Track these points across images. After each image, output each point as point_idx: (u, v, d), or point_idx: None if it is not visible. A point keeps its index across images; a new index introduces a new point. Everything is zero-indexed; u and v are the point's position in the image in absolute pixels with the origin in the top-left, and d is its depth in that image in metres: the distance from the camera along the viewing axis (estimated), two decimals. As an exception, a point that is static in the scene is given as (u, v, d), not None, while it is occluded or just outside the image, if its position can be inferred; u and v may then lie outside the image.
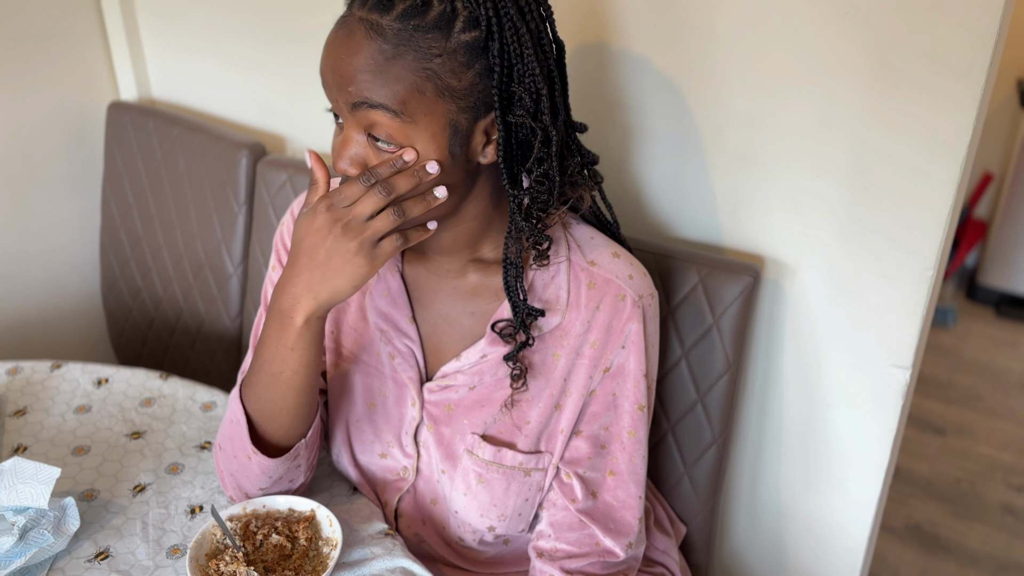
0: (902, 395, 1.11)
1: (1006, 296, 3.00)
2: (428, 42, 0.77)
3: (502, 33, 0.80)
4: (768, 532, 1.30)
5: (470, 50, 0.79)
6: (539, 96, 0.82)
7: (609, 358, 0.92)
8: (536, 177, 0.86)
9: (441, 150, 0.81)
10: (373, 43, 0.77)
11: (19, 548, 0.90)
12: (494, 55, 0.80)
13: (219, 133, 1.51)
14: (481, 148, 0.84)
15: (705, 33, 1.07)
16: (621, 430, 0.94)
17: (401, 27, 0.77)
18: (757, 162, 1.10)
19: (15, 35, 1.55)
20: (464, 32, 0.78)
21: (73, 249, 1.77)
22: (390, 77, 0.78)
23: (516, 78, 0.81)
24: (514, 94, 0.82)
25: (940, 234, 1.01)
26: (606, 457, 0.95)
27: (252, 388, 0.91)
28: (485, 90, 0.81)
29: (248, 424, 0.91)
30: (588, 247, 0.94)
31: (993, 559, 1.97)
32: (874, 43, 0.97)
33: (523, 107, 0.82)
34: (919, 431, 2.38)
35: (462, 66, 0.79)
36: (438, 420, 0.96)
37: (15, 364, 1.25)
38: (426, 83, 0.78)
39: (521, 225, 0.87)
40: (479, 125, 0.82)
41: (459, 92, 0.80)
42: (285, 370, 0.87)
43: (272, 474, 0.93)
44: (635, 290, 0.91)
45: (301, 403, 0.90)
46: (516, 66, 0.81)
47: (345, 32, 0.80)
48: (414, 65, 0.78)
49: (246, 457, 0.92)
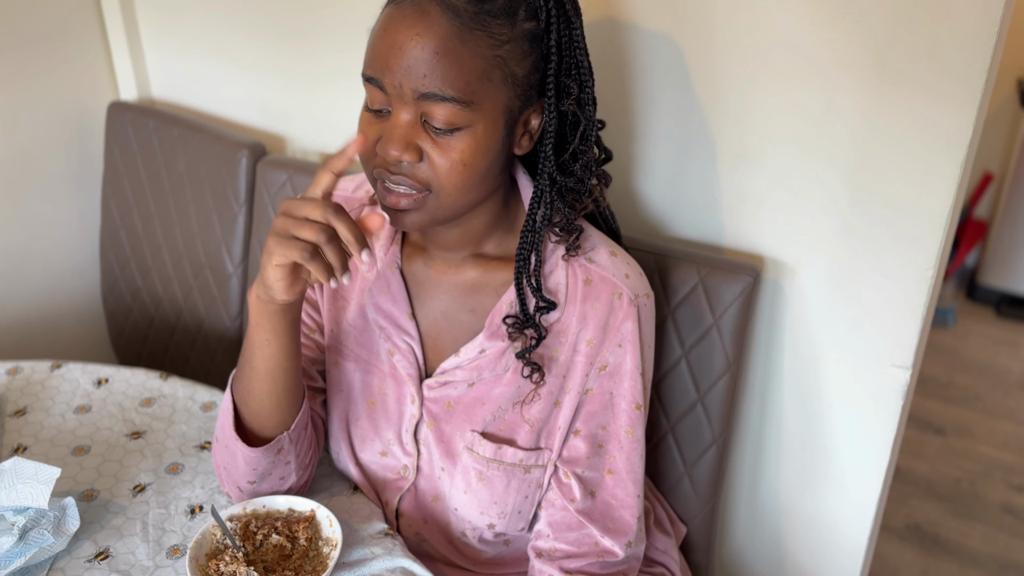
0: (902, 395, 1.11)
1: (1006, 296, 3.00)
2: (498, 27, 0.79)
3: (559, 25, 0.83)
4: (768, 532, 1.30)
5: (531, 39, 0.81)
6: (584, 87, 0.87)
7: (605, 356, 0.92)
8: (576, 167, 0.90)
9: (498, 135, 0.83)
10: (450, 24, 0.77)
11: (19, 548, 0.90)
12: (551, 45, 0.83)
13: (219, 133, 1.51)
14: (518, 138, 0.87)
15: (705, 33, 1.07)
16: (619, 429, 0.94)
17: (476, 10, 0.78)
18: (757, 162, 1.10)
19: (15, 35, 1.55)
20: (526, 21, 0.81)
21: (73, 249, 1.77)
22: (464, 61, 0.77)
23: (566, 69, 0.85)
24: (563, 84, 0.85)
25: (940, 234, 1.01)
26: (604, 456, 0.95)
27: (237, 375, 0.92)
28: (536, 80, 0.84)
29: (235, 413, 0.92)
30: (587, 244, 0.94)
31: (993, 559, 1.97)
32: (874, 43, 0.97)
33: (571, 98, 0.86)
34: (919, 431, 2.38)
35: (524, 54, 0.81)
36: (438, 417, 0.96)
37: (15, 364, 1.25)
38: (495, 70, 0.80)
39: (562, 209, 0.89)
40: (524, 115, 0.85)
41: (519, 80, 0.82)
42: (255, 355, 0.88)
43: (256, 466, 0.93)
44: (631, 289, 0.92)
45: (276, 391, 0.90)
46: (566, 57, 0.85)
47: (415, 11, 0.77)
48: (486, 51, 0.78)
49: (233, 449, 0.93)
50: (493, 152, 0.83)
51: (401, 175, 0.82)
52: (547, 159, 0.87)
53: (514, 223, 0.95)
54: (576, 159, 0.89)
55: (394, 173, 0.82)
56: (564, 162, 0.89)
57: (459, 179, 0.82)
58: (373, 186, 0.86)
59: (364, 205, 1.00)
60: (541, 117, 0.87)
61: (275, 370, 0.89)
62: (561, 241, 0.92)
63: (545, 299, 0.90)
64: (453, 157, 0.80)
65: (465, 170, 0.81)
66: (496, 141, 0.82)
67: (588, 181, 0.91)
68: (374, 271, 0.97)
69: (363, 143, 0.82)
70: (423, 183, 0.82)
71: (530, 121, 0.86)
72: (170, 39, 1.65)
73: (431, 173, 0.81)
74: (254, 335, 0.87)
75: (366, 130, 0.83)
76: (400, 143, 0.80)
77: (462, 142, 0.80)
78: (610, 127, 1.18)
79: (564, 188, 0.90)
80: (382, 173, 0.83)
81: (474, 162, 0.81)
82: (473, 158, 0.81)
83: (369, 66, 0.81)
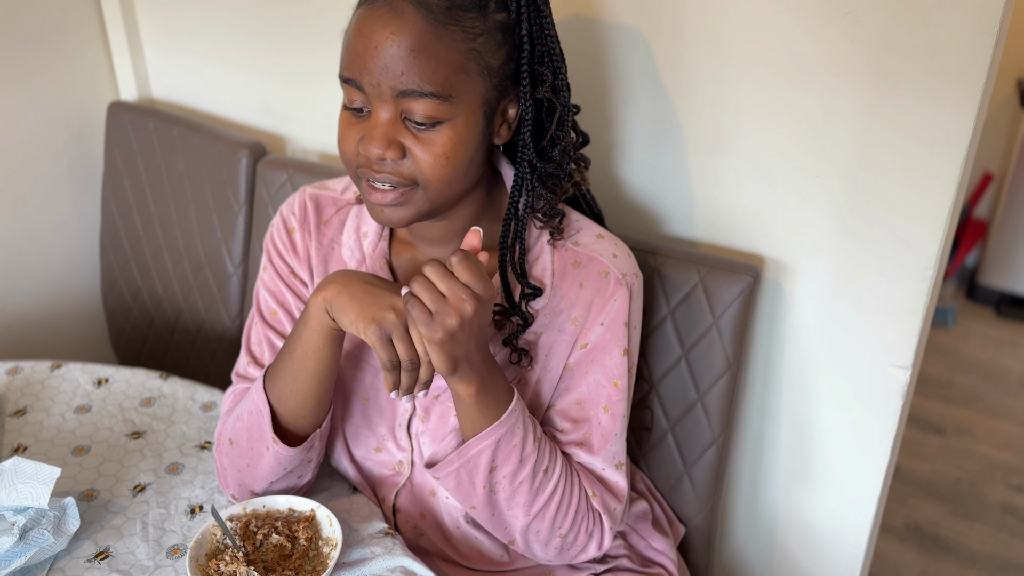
0: (902, 395, 1.11)
1: (1006, 296, 3.00)
2: (471, 21, 0.80)
3: (529, 14, 0.84)
4: (768, 532, 1.30)
5: (503, 30, 0.83)
6: (557, 73, 0.88)
7: (587, 335, 0.93)
8: (555, 152, 0.91)
9: (478, 126, 0.84)
10: (423, 21, 0.78)
11: (19, 548, 0.90)
12: (522, 35, 0.84)
13: (219, 133, 1.51)
14: (497, 128, 0.88)
15: (705, 33, 1.07)
16: (596, 407, 0.94)
17: (448, 5, 0.79)
18: (757, 162, 1.10)
19: (15, 35, 1.55)
20: (497, 12, 0.82)
21: (73, 249, 1.77)
22: (440, 57, 0.78)
23: (539, 58, 0.86)
24: (537, 73, 0.86)
25: (940, 234, 1.01)
26: (580, 433, 0.95)
27: (276, 376, 0.92)
28: (511, 70, 0.85)
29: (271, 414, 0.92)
30: (572, 228, 0.96)
31: (993, 559, 1.97)
32: (874, 43, 0.97)
33: (546, 85, 0.87)
34: (919, 431, 2.38)
35: (498, 45, 0.83)
36: (428, 408, 0.97)
37: (15, 364, 1.25)
38: (470, 63, 0.81)
39: (544, 195, 0.91)
40: (501, 105, 0.86)
41: (494, 71, 0.83)
42: (308, 356, 0.89)
43: (287, 465, 0.94)
44: (619, 268, 0.93)
45: (320, 391, 0.92)
46: (538, 45, 0.86)
47: (388, 10, 0.79)
48: (461, 45, 0.80)
49: (264, 448, 0.93)
50: (474, 143, 0.84)
51: (385, 173, 0.83)
52: (526, 146, 0.89)
53: (499, 213, 0.96)
54: (554, 145, 0.91)
55: (378, 171, 0.83)
56: (543, 148, 0.91)
57: (443, 172, 0.83)
58: (357, 185, 0.87)
59: (351, 205, 1.02)
60: (518, 106, 0.88)
61: (324, 371, 0.90)
62: (545, 227, 0.93)
63: (530, 285, 0.91)
64: (436, 151, 0.82)
65: (448, 163, 0.82)
66: (476, 132, 0.84)
67: (567, 165, 0.93)
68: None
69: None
70: (408, 179, 0.83)
71: (507, 111, 0.88)
72: (170, 39, 1.65)
73: (415, 168, 0.83)
74: (309, 339, 0.88)
75: (347, 131, 0.85)
76: (382, 141, 0.81)
77: (443, 136, 0.81)
78: (610, 127, 1.18)
79: (544, 174, 0.91)
80: (366, 172, 0.84)
81: (456, 154, 0.82)
82: (455, 151, 0.82)
83: (346, 67, 0.82)
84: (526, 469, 0.89)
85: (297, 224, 1.02)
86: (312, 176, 1.36)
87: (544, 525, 0.92)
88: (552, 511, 0.91)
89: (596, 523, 0.95)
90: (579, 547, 0.95)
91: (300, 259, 1.01)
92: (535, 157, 0.89)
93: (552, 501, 0.91)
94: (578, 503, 0.92)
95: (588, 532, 0.94)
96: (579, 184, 0.96)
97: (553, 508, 0.91)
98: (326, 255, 1.01)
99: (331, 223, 1.01)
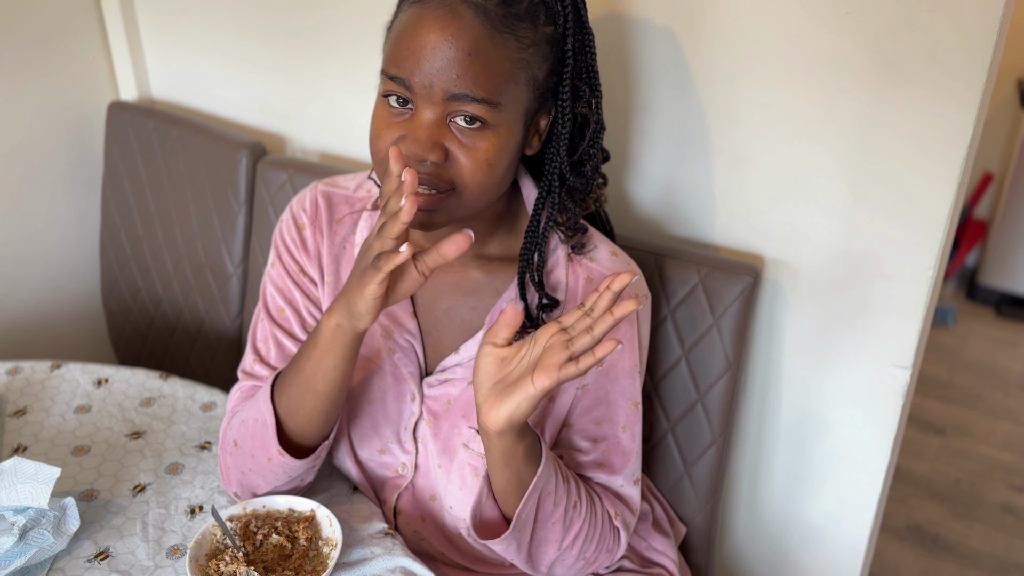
0: (902, 395, 1.11)
1: (1006, 296, 3.00)
2: (524, 31, 0.80)
3: (575, 29, 0.85)
4: (768, 532, 1.30)
5: (550, 43, 0.83)
6: (595, 90, 0.89)
7: None
8: (587, 168, 0.92)
9: (518, 135, 0.84)
10: (482, 27, 0.78)
11: (19, 548, 0.90)
12: (567, 49, 0.84)
13: (219, 133, 1.51)
14: (530, 139, 0.88)
15: (705, 33, 1.07)
16: (615, 426, 0.95)
17: (505, 12, 0.79)
18: (757, 162, 1.10)
19: (15, 35, 1.55)
20: (546, 25, 0.82)
21: (73, 249, 1.77)
22: (495, 64, 0.78)
23: (578, 73, 0.87)
24: (576, 87, 0.87)
25: (940, 234, 1.01)
26: (600, 452, 0.96)
27: (284, 392, 0.91)
28: (552, 83, 0.86)
29: (276, 425, 0.92)
30: (590, 244, 0.96)
31: (993, 559, 1.97)
32: (874, 43, 0.97)
33: (583, 100, 0.88)
34: (919, 431, 2.38)
35: (544, 58, 0.83)
36: (437, 415, 0.97)
37: (15, 364, 1.25)
38: (520, 72, 0.81)
39: (570, 208, 0.91)
40: (537, 116, 0.87)
41: (539, 83, 0.83)
42: (317, 378, 0.87)
43: (292, 473, 0.94)
44: (632, 289, 0.93)
45: (328, 409, 0.91)
46: (580, 61, 0.86)
47: (448, 12, 0.78)
48: (514, 55, 0.80)
49: (268, 457, 0.92)
50: (513, 152, 0.84)
51: (425, 174, 0.81)
52: (558, 158, 0.89)
53: (515, 223, 0.95)
54: (584, 162, 0.91)
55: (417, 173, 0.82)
56: (573, 162, 0.91)
57: (483, 178, 0.82)
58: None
59: (365, 207, 1.00)
60: (549, 118, 0.89)
61: (334, 392, 0.89)
62: (567, 240, 0.93)
63: (549, 296, 0.91)
64: (479, 157, 0.81)
65: (489, 169, 0.82)
66: (516, 142, 0.84)
67: (594, 181, 0.93)
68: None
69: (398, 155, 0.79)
70: (447, 182, 0.82)
71: (540, 122, 0.88)
72: (170, 39, 1.65)
73: (456, 172, 0.82)
74: (321, 360, 0.87)
75: (383, 129, 0.83)
76: (427, 143, 0.80)
77: (487, 142, 0.81)
78: (609, 127, 1.18)
79: (572, 187, 0.92)
80: None
81: (497, 161, 0.82)
82: (497, 157, 0.82)
83: (395, 65, 0.80)
84: (559, 511, 0.90)
85: (308, 221, 1.00)
86: (312, 176, 1.36)
87: (572, 554, 0.93)
88: (581, 542, 0.92)
89: (616, 540, 0.96)
90: (599, 563, 0.97)
91: (310, 256, 1.00)
92: (568, 170, 0.90)
93: (581, 533, 0.92)
94: (602, 528, 0.94)
95: (608, 549, 0.96)
96: (599, 200, 0.97)
97: (582, 539, 0.92)
98: (338, 254, 1.00)
99: (343, 222, 1.00)
